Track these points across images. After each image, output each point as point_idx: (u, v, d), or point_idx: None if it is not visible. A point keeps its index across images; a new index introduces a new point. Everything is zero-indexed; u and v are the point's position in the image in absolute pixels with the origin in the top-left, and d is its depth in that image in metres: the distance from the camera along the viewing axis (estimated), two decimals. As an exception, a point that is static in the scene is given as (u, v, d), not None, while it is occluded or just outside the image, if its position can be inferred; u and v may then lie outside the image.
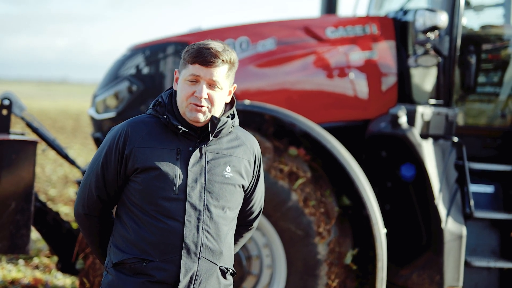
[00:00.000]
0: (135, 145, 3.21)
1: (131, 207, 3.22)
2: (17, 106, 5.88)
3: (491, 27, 6.57)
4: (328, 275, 5.37)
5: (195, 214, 3.17)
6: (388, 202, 5.85)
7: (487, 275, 5.82)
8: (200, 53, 3.17)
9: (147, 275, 3.16)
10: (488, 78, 6.45)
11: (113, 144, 3.25)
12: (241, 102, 5.63)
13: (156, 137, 3.23)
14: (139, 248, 3.17)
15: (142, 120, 3.30)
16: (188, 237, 3.15)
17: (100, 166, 3.27)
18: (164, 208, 3.16)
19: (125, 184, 3.26)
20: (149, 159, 3.18)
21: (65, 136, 23.11)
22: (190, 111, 3.21)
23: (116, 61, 6.40)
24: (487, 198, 5.97)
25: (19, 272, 7.62)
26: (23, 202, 5.33)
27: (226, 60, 3.20)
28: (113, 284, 3.23)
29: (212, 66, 3.18)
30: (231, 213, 3.29)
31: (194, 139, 3.25)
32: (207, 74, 3.18)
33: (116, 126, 3.33)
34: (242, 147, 3.34)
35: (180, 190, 3.17)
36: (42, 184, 13.13)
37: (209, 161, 3.23)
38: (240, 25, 6.34)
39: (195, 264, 3.17)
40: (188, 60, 3.20)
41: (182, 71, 3.23)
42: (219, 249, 3.23)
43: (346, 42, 6.17)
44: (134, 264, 3.18)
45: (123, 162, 3.22)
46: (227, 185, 3.25)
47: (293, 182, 5.39)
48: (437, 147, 5.74)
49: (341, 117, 6.18)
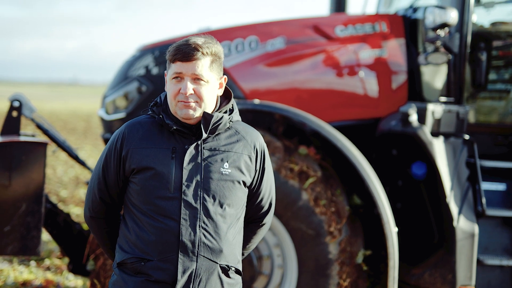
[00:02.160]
0: (131, 146, 3.24)
1: (131, 207, 3.25)
2: (27, 107, 5.89)
3: (502, 24, 6.53)
4: (340, 274, 5.35)
5: (191, 213, 3.17)
6: (399, 201, 5.83)
7: (499, 273, 5.79)
8: (179, 49, 3.18)
9: (146, 275, 3.18)
10: (499, 75, 6.41)
11: (112, 147, 3.29)
12: (250, 101, 5.62)
13: (152, 137, 3.25)
14: (139, 248, 3.20)
15: (139, 122, 3.32)
16: (185, 236, 3.16)
17: (101, 169, 3.31)
18: (161, 207, 3.17)
19: (126, 186, 3.29)
20: (144, 159, 3.20)
21: (76, 137, 23.17)
22: (180, 109, 3.22)
23: (125, 61, 6.40)
24: (499, 196, 5.93)
25: (30, 273, 7.63)
26: (33, 204, 5.34)
27: (207, 52, 3.20)
28: (117, 284, 3.27)
29: (192, 60, 3.18)
30: (231, 210, 3.27)
31: (190, 137, 3.25)
32: (189, 69, 3.18)
33: (117, 129, 3.37)
34: (241, 142, 3.33)
35: (175, 189, 3.18)
36: (53, 186, 13.16)
37: (205, 158, 3.23)
38: (249, 25, 6.33)
39: (193, 262, 3.17)
40: (170, 58, 3.22)
41: (168, 71, 3.26)
42: (218, 247, 3.22)
43: (356, 40, 6.15)
44: (134, 263, 3.21)
45: (121, 164, 3.26)
46: (225, 182, 3.24)
47: (303, 182, 5.37)
48: (448, 145, 5.71)
49: (351, 115, 6.16)
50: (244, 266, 5.38)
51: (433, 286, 5.56)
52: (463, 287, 5.49)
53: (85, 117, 33.41)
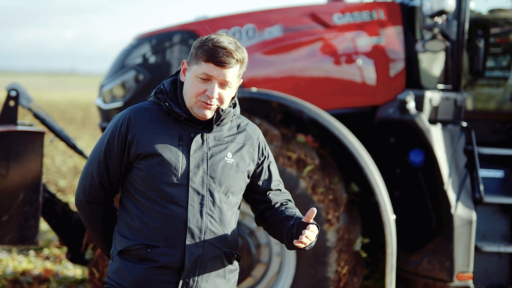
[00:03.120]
0: (138, 131, 3.22)
1: (134, 194, 3.24)
2: (24, 97, 5.88)
3: (499, 11, 6.51)
4: (338, 262, 5.35)
5: (198, 199, 3.19)
6: (397, 188, 5.83)
7: (497, 260, 5.80)
8: (215, 52, 3.14)
9: (152, 261, 3.17)
10: (496, 62, 6.40)
11: (115, 131, 3.26)
12: (248, 89, 5.61)
13: (159, 124, 3.24)
14: (144, 235, 3.19)
15: (144, 107, 3.31)
16: (192, 222, 3.17)
17: (103, 153, 3.28)
18: (168, 193, 3.17)
19: (128, 172, 3.28)
20: (151, 145, 3.19)
21: (75, 127, 23.15)
22: (199, 108, 3.21)
23: (122, 50, 6.39)
24: (496, 183, 5.93)
25: (29, 263, 7.64)
26: (31, 193, 5.34)
27: (239, 59, 3.20)
28: (118, 272, 3.25)
29: (226, 67, 3.17)
30: (234, 198, 3.31)
31: (196, 126, 3.26)
32: (220, 75, 3.17)
33: (119, 113, 3.35)
34: (243, 133, 3.37)
35: (182, 176, 3.19)
36: (52, 175, 13.16)
37: (210, 148, 3.26)
38: (246, 13, 6.31)
39: (200, 248, 3.19)
40: (202, 57, 3.17)
41: (194, 66, 3.21)
42: (223, 234, 3.25)
43: (353, 28, 6.14)
44: (139, 250, 3.19)
45: (126, 148, 3.23)
46: (229, 170, 3.26)
47: (301, 170, 5.37)
48: (446, 132, 5.71)
49: (349, 103, 6.16)
50: (242, 254, 5.39)
51: (431, 273, 5.57)
52: (461, 274, 5.50)
53: (84, 107, 33.37)
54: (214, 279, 3.25)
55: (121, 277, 3.24)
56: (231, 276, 3.35)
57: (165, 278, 3.18)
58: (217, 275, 3.26)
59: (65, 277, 7.18)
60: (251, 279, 5.52)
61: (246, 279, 5.49)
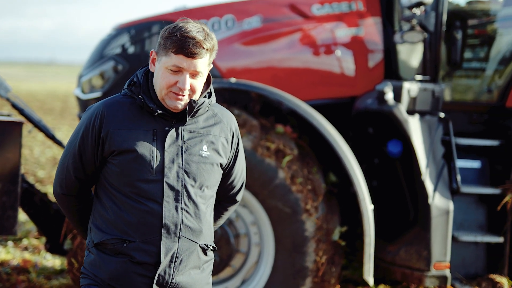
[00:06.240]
0: (111, 127, 3.18)
1: (109, 188, 3.21)
2: (2, 87, 5.85)
3: (477, 3, 6.56)
4: (316, 251, 5.38)
5: (173, 195, 3.17)
6: (376, 179, 5.87)
7: (474, 249, 5.86)
8: (184, 43, 3.09)
9: (128, 256, 3.16)
10: (474, 54, 6.45)
11: (89, 125, 3.22)
12: (227, 80, 5.61)
13: (132, 118, 3.20)
14: (119, 229, 3.17)
15: (118, 101, 3.25)
16: (168, 218, 3.16)
17: (77, 147, 3.24)
18: (143, 190, 3.15)
19: (103, 166, 3.25)
20: (125, 141, 3.16)
21: (54, 117, 23.02)
22: (171, 100, 3.17)
23: (101, 40, 6.36)
24: (474, 173, 5.99)
25: (8, 253, 7.61)
26: (9, 184, 5.31)
27: (209, 48, 3.14)
28: (95, 264, 3.24)
29: (196, 58, 3.12)
30: (209, 191, 3.29)
31: (170, 119, 3.22)
32: (191, 66, 3.12)
33: (92, 106, 3.29)
34: (219, 125, 3.32)
35: (157, 171, 3.16)
36: (30, 166, 13.10)
37: (185, 141, 3.22)
38: (226, 3, 6.31)
39: (175, 243, 3.18)
40: (171, 49, 3.11)
41: (163, 57, 3.15)
42: (199, 228, 3.23)
43: (332, 19, 6.15)
44: (115, 244, 3.18)
45: (100, 144, 3.20)
46: (204, 164, 3.23)
47: (280, 160, 5.39)
48: (424, 123, 5.74)
49: (328, 94, 6.18)
50: (221, 244, 5.41)
51: (408, 262, 5.61)
52: (438, 263, 5.55)
53: (63, 97, 33.15)
54: (189, 271, 3.24)
55: (98, 268, 3.23)
56: (206, 266, 3.34)
57: (141, 272, 3.17)
58: (192, 267, 3.26)
59: (44, 268, 7.16)
60: (230, 269, 5.54)
61: (225, 269, 5.51)
